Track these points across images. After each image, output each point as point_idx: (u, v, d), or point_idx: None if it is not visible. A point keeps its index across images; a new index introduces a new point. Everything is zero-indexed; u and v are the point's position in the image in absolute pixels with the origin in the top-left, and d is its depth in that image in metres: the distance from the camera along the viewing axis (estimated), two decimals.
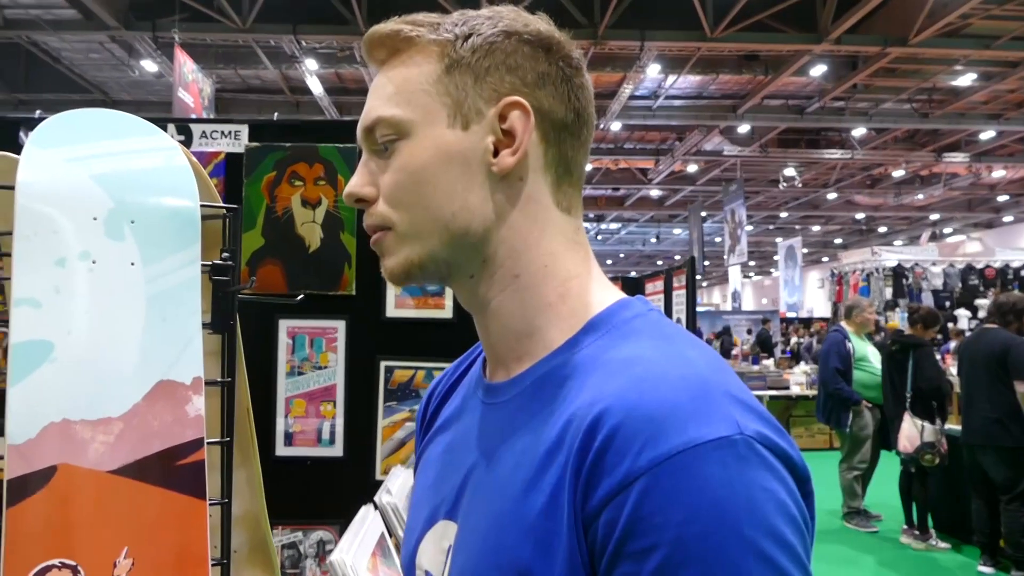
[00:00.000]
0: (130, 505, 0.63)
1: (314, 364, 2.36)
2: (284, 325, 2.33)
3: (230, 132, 2.42)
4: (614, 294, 0.68)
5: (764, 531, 0.51)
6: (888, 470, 5.92)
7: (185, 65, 8.88)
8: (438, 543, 0.68)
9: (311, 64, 9.98)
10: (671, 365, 0.58)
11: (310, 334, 2.35)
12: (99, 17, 8.63)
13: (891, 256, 10.95)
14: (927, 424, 5.08)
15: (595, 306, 0.66)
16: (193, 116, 9.03)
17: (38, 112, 2.46)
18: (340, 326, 2.34)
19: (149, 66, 10.07)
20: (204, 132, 2.39)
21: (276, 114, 2.90)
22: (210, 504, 0.67)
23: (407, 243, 0.66)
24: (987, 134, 13.14)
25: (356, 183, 0.67)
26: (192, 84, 9.18)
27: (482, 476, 0.65)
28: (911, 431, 5.14)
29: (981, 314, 9.61)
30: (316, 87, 10.59)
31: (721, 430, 0.52)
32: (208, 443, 0.68)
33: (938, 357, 6.52)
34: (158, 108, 11.69)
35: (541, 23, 0.68)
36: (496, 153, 0.65)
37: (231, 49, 10.14)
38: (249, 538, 0.82)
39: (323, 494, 2.28)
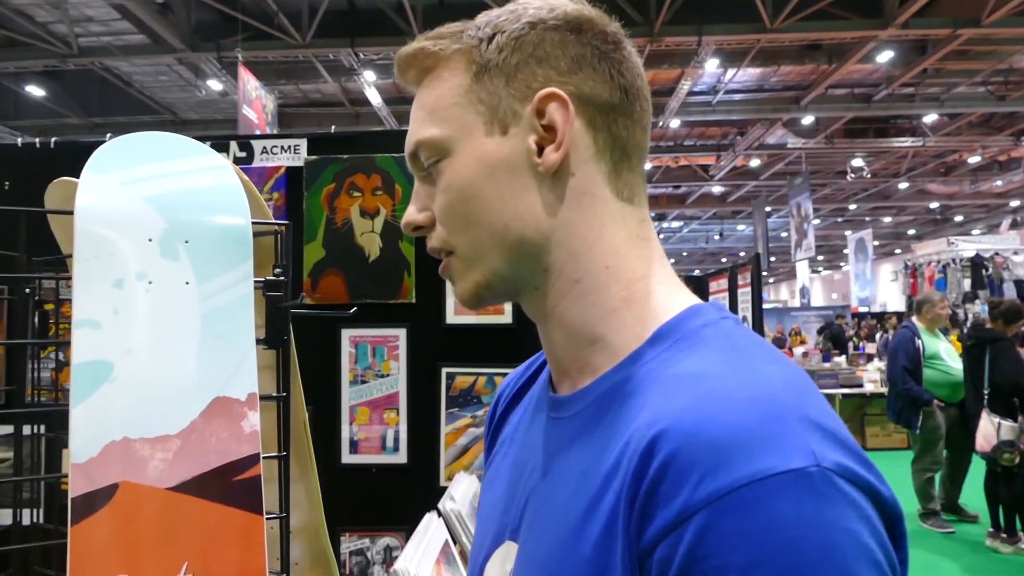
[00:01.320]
0: (189, 521, 0.64)
1: (376, 372, 2.39)
2: (347, 334, 2.37)
3: (290, 147, 2.47)
4: (684, 298, 0.63)
5: None
6: (976, 471, 5.69)
7: (248, 83, 9.14)
8: (502, 565, 0.65)
9: (369, 76, 10.15)
10: (741, 382, 0.51)
11: (372, 343, 2.38)
12: (166, 41, 8.96)
13: (968, 246, 10.53)
14: (1004, 422, 4.87)
15: (663, 312, 0.61)
16: (256, 132, 9.28)
17: (108, 136, 2.56)
18: (401, 334, 2.37)
19: (215, 85, 10.39)
20: (265, 148, 2.45)
21: (334, 127, 2.94)
22: (268, 518, 0.68)
23: (471, 266, 0.63)
24: None
25: (411, 211, 0.65)
26: (256, 101, 9.43)
27: (543, 498, 0.61)
28: (988, 429, 4.94)
29: None
30: (375, 98, 10.76)
31: (795, 461, 0.46)
32: (264, 458, 0.69)
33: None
34: (224, 126, 12.06)
35: (569, 4, 0.63)
36: (540, 152, 0.61)
37: (292, 65, 10.39)
38: (309, 550, 0.83)
39: (388, 501, 2.30)
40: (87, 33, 9.22)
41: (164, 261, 0.68)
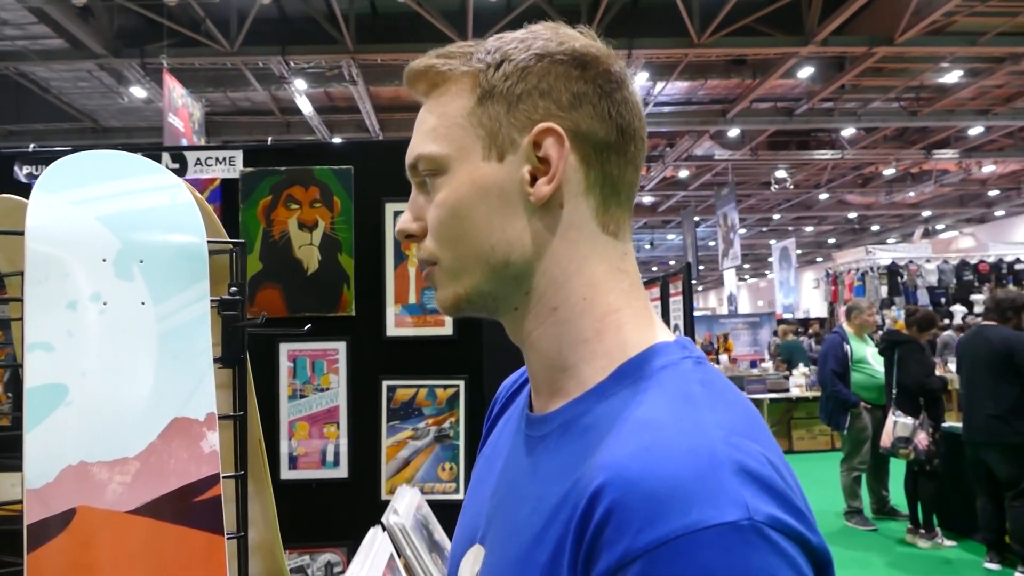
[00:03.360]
0: (149, 544, 0.64)
1: (316, 386, 2.36)
2: (284, 349, 2.33)
3: (225, 158, 2.42)
4: (652, 334, 0.65)
5: None
6: (896, 470, 5.93)
7: (174, 90, 8.91)
8: (472, 566, 0.68)
9: (300, 84, 10.02)
10: (682, 434, 0.53)
11: (311, 356, 2.36)
12: (87, 46, 8.67)
13: (885, 254, 10.98)
14: (900, 419, 5.12)
15: (630, 348, 0.63)
16: (183, 141, 9.05)
17: (32, 145, 2.47)
18: (341, 347, 2.35)
19: (138, 92, 10.10)
20: (199, 159, 2.40)
21: (270, 138, 2.90)
22: (227, 538, 0.67)
23: (453, 279, 0.66)
24: (976, 130, 13.22)
25: (404, 219, 0.68)
26: (182, 109, 9.21)
27: (508, 510, 0.65)
28: (889, 426, 5.19)
29: (977, 309, 9.64)
30: (306, 107, 10.63)
31: (727, 514, 0.48)
32: (223, 477, 0.69)
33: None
34: (148, 134, 11.72)
35: (578, 39, 0.65)
36: (533, 182, 0.63)
37: (220, 72, 10.18)
38: (265, 568, 0.82)
39: (329, 516, 2.28)
40: (1, 36, 8.85)
41: (119, 281, 0.67)
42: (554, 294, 0.64)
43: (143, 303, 0.68)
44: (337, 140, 10.04)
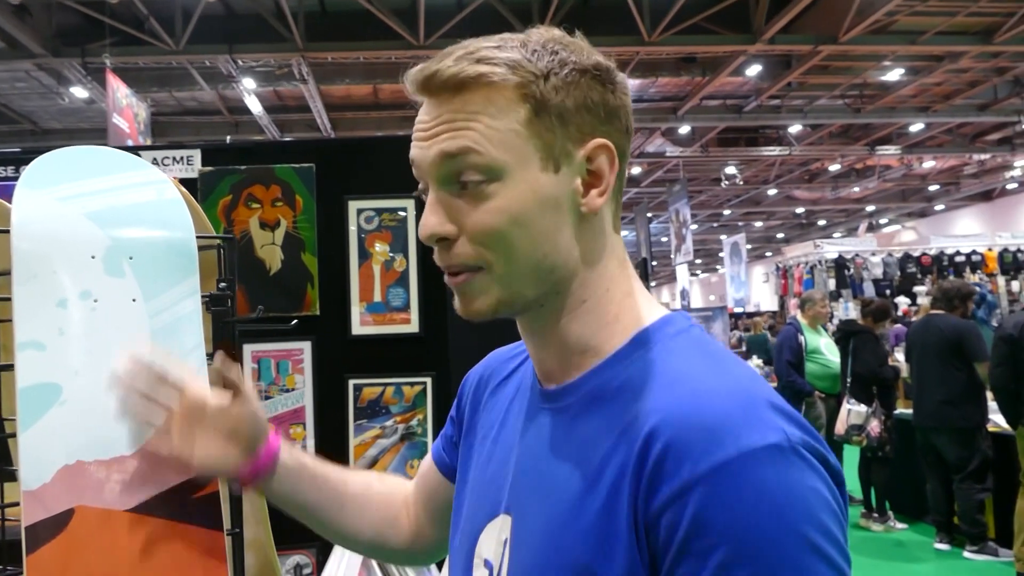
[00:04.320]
0: (150, 542, 0.63)
1: (281, 387, 2.33)
2: (248, 349, 2.30)
3: (182, 157, 2.38)
4: (657, 309, 0.73)
5: (814, 526, 0.56)
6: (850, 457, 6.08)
7: (118, 90, 8.68)
8: (497, 535, 0.72)
9: (249, 83, 9.84)
10: (720, 379, 0.63)
11: (275, 357, 2.33)
12: (24, 45, 8.39)
13: (832, 248, 11.24)
14: (853, 407, 5.27)
15: (642, 320, 0.71)
16: (130, 143, 8.83)
17: None
18: (306, 347, 2.32)
19: (79, 93, 9.82)
20: (155, 159, 2.35)
21: (228, 137, 2.86)
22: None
23: (500, 285, 0.68)
24: (916, 126, 13.61)
25: (435, 222, 0.67)
26: (126, 109, 8.98)
27: (539, 476, 0.69)
28: (843, 414, 5.33)
29: (920, 300, 9.94)
30: (255, 106, 10.45)
31: (771, 438, 0.57)
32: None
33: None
34: (91, 135, 11.39)
35: (595, 52, 0.70)
36: (584, 193, 0.68)
37: (165, 71, 9.95)
38: (256, 563, 0.82)
39: None
40: None
41: (109, 279, 0.66)
42: (583, 289, 0.70)
43: (134, 300, 0.67)
44: (289, 139, 9.91)
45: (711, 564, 0.55)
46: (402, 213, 2.35)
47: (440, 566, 1.75)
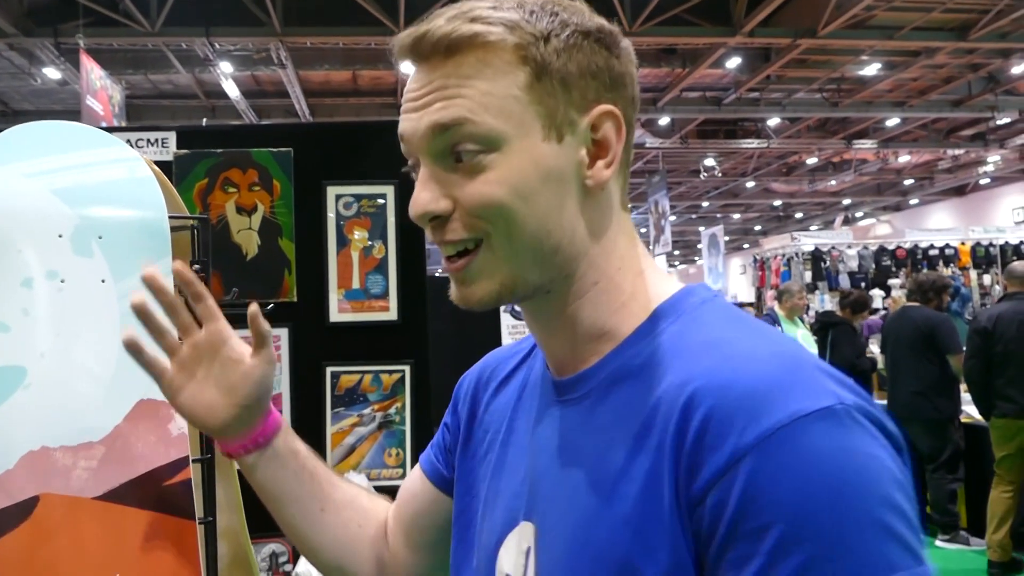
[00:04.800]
0: (118, 531, 0.61)
1: None
2: None
3: (157, 140, 2.34)
4: (672, 283, 0.68)
5: (879, 500, 0.49)
6: None
7: (92, 72, 8.53)
8: (518, 544, 0.66)
9: (226, 67, 9.71)
10: (758, 343, 0.57)
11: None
12: None
13: (809, 241, 11.32)
14: None
15: (659, 295, 0.66)
16: (103, 124, 8.68)
17: None
18: (283, 334, 2.30)
19: (52, 74, 9.64)
20: (130, 140, 2.30)
21: (205, 120, 2.82)
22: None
23: (501, 266, 0.62)
24: (892, 121, 13.73)
25: (427, 198, 0.61)
26: (101, 91, 8.82)
27: (560, 475, 0.63)
28: None
29: (894, 293, 10.04)
30: (232, 91, 10.31)
31: (823, 400, 0.51)
32: (192, 461, 0.66)
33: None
34: (64, 117, 11.07)
35: (596, 15, 0.65)
36: (590, 165, 0.62)
37: (140, 53, 9.79)
38: (230, 551, 0.80)
39: None
40: None
41: (77, 258, 0.64)
42: (594, 271, 0.65)
43: (103, 280, 0.65)
44: (267, 123, 9.80)
45: (765, 547, 0.48)
46: (381, 200, 2.32)
47: None
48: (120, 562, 0.59)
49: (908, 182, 19.31)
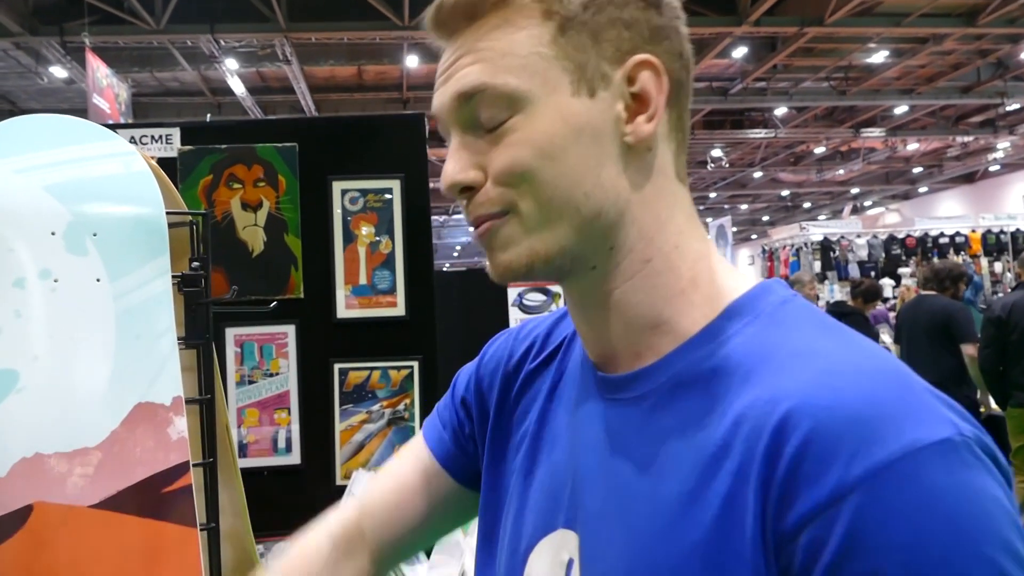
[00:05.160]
0: (116, 540, 0.58)
1: (265, 371, 2.29)
2: (231, 333, 2.25)
3: (161, 136, 2.32)
4: (745, 278, 0.60)
5: (1002, 547, 0.44)
6: None
7: (98, 70, 8.53)
8: (556, 554, 0.60)
9: (231, 64, 9.70)
10: (857, 356, 0.50)
11: (259, 341, 2.28)
12: (1, 24, 8.22)
13: (818, 231, 11.26)
14: None
15: (729, 292, 0.58)
16: (110, 122, 8.68)
17: None
18: (290, 331, 2.28)
19: (59, 72, 9.65)
20: (133, 137, 2.29)
21: (209, 116, 2.80)
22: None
23: (533, 232, 0.56)
24: (900, 109, 13.64)
25: (455, 168, 0.57)
26: (107, 89, 8.83)
27: (610, 483, 0.57)
28: None
29: (905, 282, 9.98)
30: (238, 87, 10.30)
31: (940, 431, 0.45)
32: (193, 466, 0.64)
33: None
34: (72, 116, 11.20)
35: None
36: (629, 120, 0.57)
37: (146, 51, 9.79)
38: (235, 556, 0.78)
39: (283, 504, 2.21)
40: None
41: (70, 257, 0.61)
42: (646, 246, 0.58)
43: (98, 280, 0.62)
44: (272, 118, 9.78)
45: None
46: (388, 195, 2.30)
47: (428, 554, 1.72)
48: (119, 573, 0.57)
49: (917, 170, 19.17)
